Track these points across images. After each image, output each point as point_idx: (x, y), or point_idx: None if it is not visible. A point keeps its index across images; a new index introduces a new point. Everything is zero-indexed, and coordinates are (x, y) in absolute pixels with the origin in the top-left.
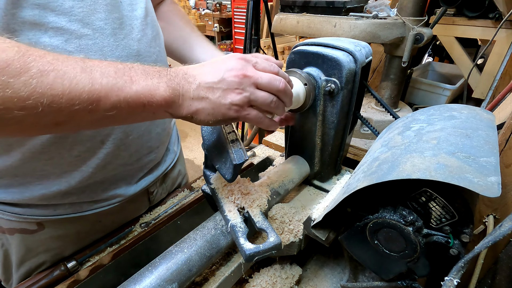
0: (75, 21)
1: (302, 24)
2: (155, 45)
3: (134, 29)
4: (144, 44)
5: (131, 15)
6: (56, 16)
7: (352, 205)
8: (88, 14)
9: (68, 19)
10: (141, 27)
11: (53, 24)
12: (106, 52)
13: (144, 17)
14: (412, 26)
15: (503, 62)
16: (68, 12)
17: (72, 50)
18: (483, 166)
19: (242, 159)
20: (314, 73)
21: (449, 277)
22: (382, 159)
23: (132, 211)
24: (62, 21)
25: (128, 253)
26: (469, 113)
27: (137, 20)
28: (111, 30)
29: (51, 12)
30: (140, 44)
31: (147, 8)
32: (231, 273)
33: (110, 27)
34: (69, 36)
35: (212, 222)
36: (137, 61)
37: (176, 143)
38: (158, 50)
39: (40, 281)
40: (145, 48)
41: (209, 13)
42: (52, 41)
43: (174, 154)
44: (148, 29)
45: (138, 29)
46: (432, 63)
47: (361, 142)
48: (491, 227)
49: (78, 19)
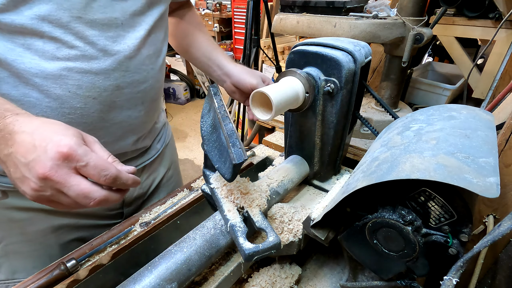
0: (69, 34)
1: (302, 24)
2: (149, 63)
3: (128, 47)
4: (136, 62)
5: (128, 35)
6: (52, 28)
7: (351, 204)
8: (83, 30)
9: (63, 31)
10: (138, 46)
11: (48, 34)
12: (93, 63)
13: (144, 37)
14: (412, 26)
15: (503, 62)
16: (64, 26)
17: (61, 57)
18: (482, 166)
19: (242, 158)
20: (314, 73)
21: (448, 276)
22: (382, 159)
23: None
24: (57, 33)
25: (127, 253)
26: (469, 114)
27: (134, 40)
28: (103, 45)
29: (49, 23)
30: (131, 62)
31: (152, 30)
32: (230, 272)
33: (102, 43)
34: (61, 45)
35: (211, 222)
36: (124, 76)
37: (161, 141)
38: (151, 68)
39: (39, 281)
40: (136, 65)
41: (209, 13)
42: (45, 46)
43: (155, 151)
44: (145, 49)
45: (132, 48)
46: (432, 63)
47: (361, 142)
48: (491, 227)
49: (73, 33)
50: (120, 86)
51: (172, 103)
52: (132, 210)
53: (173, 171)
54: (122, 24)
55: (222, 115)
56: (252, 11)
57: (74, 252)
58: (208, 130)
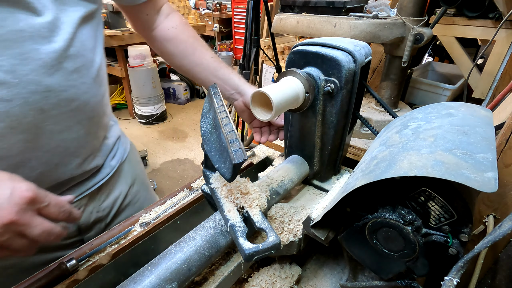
0: None
1: (302, 24)
2: (77, 77)
3: (44, 63)
4: (58, 78)
5: (41, 48)
6: None
7: (351, 204)
8: None
9: None
10: (57, 60)
11: None
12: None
13: (63, 49)
14: (412, 26)
15: (503, 62)
16: None
17: None
18: (480, 162)
19: (242, 158)
20: (314, 73)
21: (449, 276)
22: (380, 158)
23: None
24: None
25: (127, 253)
26: (467, 111)
27: (51, 54)
28: (10, 66)
29: None
30: (53, 79)
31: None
32: (230, 272)
33: (8, 64)
34: None
35: (211, 222)
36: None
37: (117, 157)
38: (81, 82)
39: (39, 281)
40: (61, 82)
41: (209, 13)
42: None
43: (110, 169)
44: (68, 62)
45: (51, 63)
46: (432, 63)
47: (361, 142)
48: (491, 227)
49: None
50: (43, 109)
51: (172, 103)
52: (95, 234)
53: (139, 186)
54: (31, 36)
55: (222, 115)
56: (252, 11)
57: (74, 252)
58: (208, 130)
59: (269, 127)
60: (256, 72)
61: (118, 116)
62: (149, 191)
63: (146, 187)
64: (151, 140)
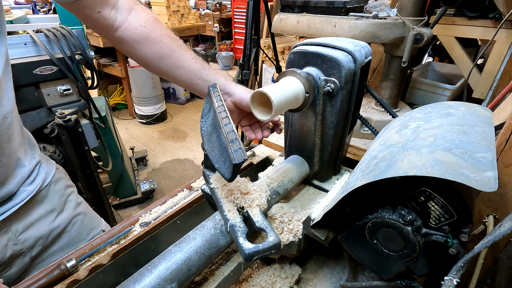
0: None
1: (302, 24)
2: None
3: None
4: None
5: None
6: None
7: (351, 204)
8: None
9: None
10: None
11: None
12: None
13: None
14: (412, 26)
15: (503, 62)
16: None
17: None
18: (480, 161)
19: (242, 158)
20: (314, 73)
21: (449, 276)
22: (380, 158)
23: None
24: None
25: (127, 253)
26: (466, 110)
27: None
28: None
29: None
30: None
31: None
32: (230, 272)
33: None
34: None
35: (211, 222)
36: None
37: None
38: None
39: (39, 281)
40: None
41: (209, 13)
42: None
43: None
44: None
45: None
46: (432, 63)
47: (361, 142)
48: (491, 227)
49: None
50: None
51: (172, 103)
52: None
53: (72, 212)
54: None
55: (222, 115)
56: (252, 11)
57: (74, 252)
58: (208, 130)
59: (259, 124)
60: (256, 72)
61: (118, 116)
62: (91, 215)
63: (84, 213)
64: (151, 140)
